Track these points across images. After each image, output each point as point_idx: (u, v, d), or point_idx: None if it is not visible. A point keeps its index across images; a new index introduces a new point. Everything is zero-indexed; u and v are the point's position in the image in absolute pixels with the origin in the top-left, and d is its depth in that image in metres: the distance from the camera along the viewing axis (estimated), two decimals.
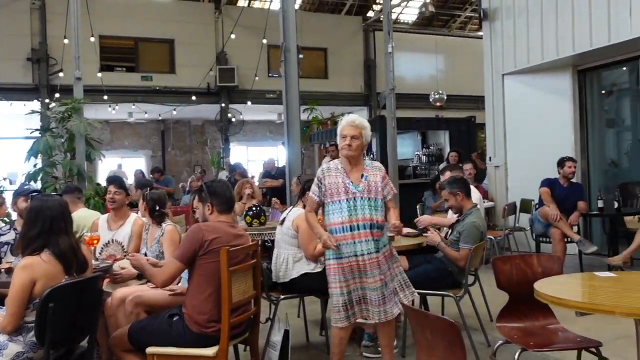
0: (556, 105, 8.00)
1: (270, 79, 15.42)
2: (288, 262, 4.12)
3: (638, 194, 7.32)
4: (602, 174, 8.25)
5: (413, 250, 4.40)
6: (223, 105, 15.31)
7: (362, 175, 3.47)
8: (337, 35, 16.71)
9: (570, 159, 6.53)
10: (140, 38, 15.01)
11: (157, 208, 3.96)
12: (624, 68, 7.96)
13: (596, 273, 2.87)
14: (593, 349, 2.79)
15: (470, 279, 4.28)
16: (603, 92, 8.45)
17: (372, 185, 3.45)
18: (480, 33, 9.34)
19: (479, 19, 9.01)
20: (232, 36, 14.60)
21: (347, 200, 3.40)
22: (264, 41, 13.80)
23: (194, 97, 14.72)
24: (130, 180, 11.53)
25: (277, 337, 3.65)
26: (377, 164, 3.63)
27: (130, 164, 16.09)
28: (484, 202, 7.20)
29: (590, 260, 6.60)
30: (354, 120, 3.49)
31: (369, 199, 3.41)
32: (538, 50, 7.83)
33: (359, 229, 3.37)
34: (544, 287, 2.56)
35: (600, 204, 6.55)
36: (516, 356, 2.80)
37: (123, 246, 4.21)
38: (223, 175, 12.96)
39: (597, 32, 6.95)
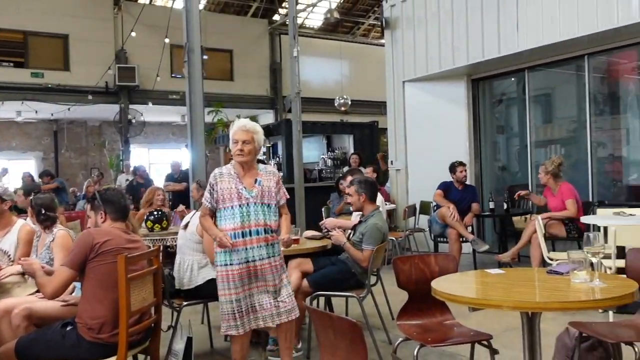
0: (452, 112, 8.45)
1: (174, 79, 14.98)
2: (193, 269, 4.01)
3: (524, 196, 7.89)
4: (493, 177, 8.81)
5: (317, 252, 4.44)
6: (122, 105, 14.66)
7: (256, 181, 3.43)
8: (243, 38, 16.58)
9: (461, 163, 6.89)
10: (30, 32, 13.99)
11: (43, 212, 3.71)
12: (512, 78, 8.56)
13: (487, 270, 3.04)
14: (485, 342, 2.95)
15: (373, 279, 4.39)
16: (494, 100, 9.04)
17: (265, 191, 3.41)
18: (382, 41, 9.64)
19: (382, 28, 9.31)
20: (133, 34, 14.04)
21: (240, 206, 3.35)
22: (167, 40, 13.39)
23: (90, 97, 13.97)
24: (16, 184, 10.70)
25: (179, 345, 3.54)
26: (271, 168, 3.62)
27: (19, 167, 14.93)
28: (386, 204, 7.43)
29: (483, 258, 7.01)
30: (244, 125, 3.44)
31: (263, 204, 3.38)
32: (436, 60, 8.22)
33: (251, 235, 3.33)
34: (440, 285, 2.67)
35: (491, 205, 6.99)
36: (415, 352, 2.91)
37: (9, 255, 3.90)
38: (122, 178, 12.39)
39: (488, 44, 7.43)
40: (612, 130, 8.03)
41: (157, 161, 17.75)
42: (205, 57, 7.54)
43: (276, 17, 17.60)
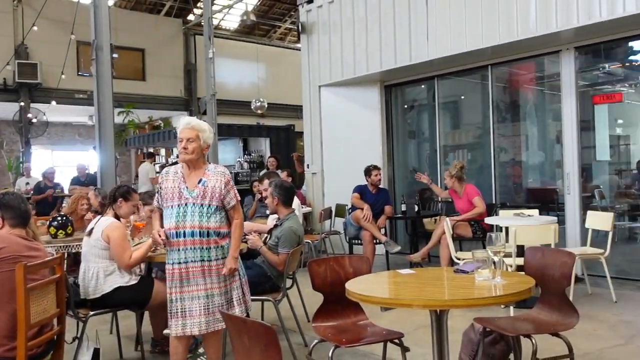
0: (366, 117, 8.65)
1: (80, 77, 14.22)
2: (99, 277, 3.83)
3: (434, 199, 8.23)
4: (405, 180, 9.11)
5: None
6: (22, 104, 13.73)
7: (200, 181, 3.33)
8: (155, 37, 16.07)
9: (376, 167, 7.09)
10: None
11: None
12: (423, 86, 8.91)
13: (399, 271, 3.14)
14: (397, 340, 3.04)
15: (289, 282, 4.40)
16: (406, 106, 9.36)
17: (208, 191, 3.30)
18: (299, 45, 9.71)
19: (298, 32, 9.37)
20: (35, 28, 13.18)
21: (178, 206, 3.28)
22: (73, 37, 12.69)
23: None
24: None
25: (85, 358, 3.37)
26: (222, 168, 3.48)
27: None
28: (302, 207, 7.47)
29: (395, 259, 7.23)
30: (189, 122, 3.35)
31: (202, 205, 3.27)
32: (351, 65, 8.39)
33: (185, 236, 3.26)
34: (354, 286, 2.72)
35: (403, 207, 7.23)
36: (330, 353, 2.94)
37: None
38: (22, 182, 11.60)
39: (400, 52, 7.68)
40: (513, 137, 8.57)
41: (61, 163, 16.78)
42: (115, 55, 7.25)
43: (191, 17, 17.23)
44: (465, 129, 9.25)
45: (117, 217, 4.05)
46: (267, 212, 4.81)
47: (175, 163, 3.59)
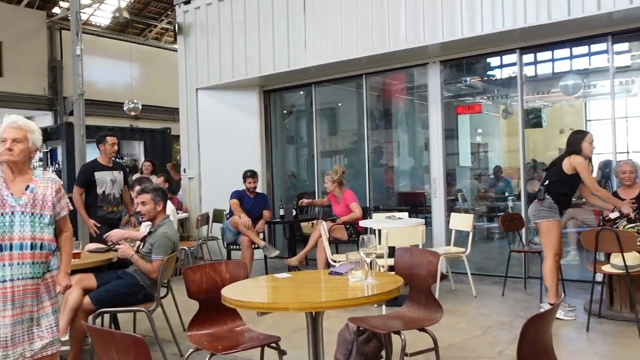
0: (245, 122, 8.61)
1: None
2: None
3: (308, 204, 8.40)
4: (283, 184, 9.20)
5: (102, 267, 4.14)
6: None
7: (28, 187, 2.96)
8: (14, 29, 14.71)
9: (252, 175, 7.00)
10: None
11: None
12: (301, 92, 9.06)
13: (276, 275, 3.15)
14: (274, 344, 3.04)
15: (163, 291, 4.24)
16: (285, 111, 9.46)
17: (39, 199, 2.95)
18: (176, 46, 9.42)
19: (175, 33, 9.09)
20: None
21: (2, 215, 2.86)
22: None
23: None
24: None
25: None
26: (51, 175, 3.14)
27: None
28: (178, 213, 7.25)
29: (274, 263, 7.26)
30: (16, 122, 2.97)
31: (33, 214, 2.91)
32: (229, 69, 8.31)
33: (12, 249, 2.84)
34: (230, 292, 2.69)
35: (281, 212, 7.28)
36: None
37: None
38: None
39: (279, 58, 7.75)
40: (386, 143, 9.01)
41: None
42: None
43: (56, 10, 16.04)
44: (342, 135, 9.55)
45: None
46: (140, 218, 4.58)
47: None
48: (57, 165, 10.74)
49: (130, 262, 4.08)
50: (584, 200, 7.61)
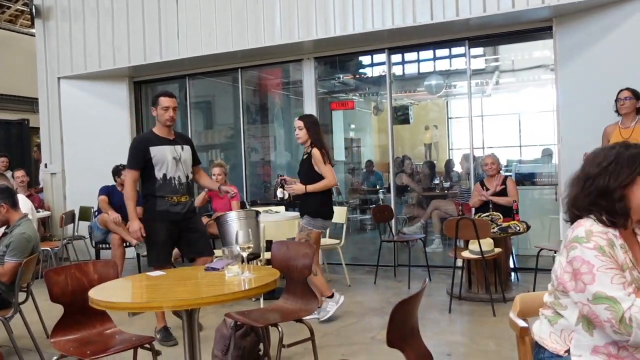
0: (114, 114, 8.15)
1: None
2: None
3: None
4: None
5: None
6: None
7: None
8: None
9: (125, 167, 6.68)
10: None
11: None
12: (175, 84, 8.77)
13: (148, 273, 3.03)
14: (147, 345, 2.93)
15: (22, 296, 3.90)
16: None
17: None
18: (33, 30, 8.66)
19: (31, 15, 8.35)
20: None
21: None
22: None
23: None
24: None
25: None
26: None
27: None
28: (38, 211, 6.71)
29: (146, 262, 6.96)
30: None
31: None
32: (95, 58, 7.81)
33: None
34: (98, 293, 2.54)
35: None
36: None
37: None
38: None
39: (150, 48, 7.43)
40: (262, 138, 9.02)
41: None
42: None
43: None
44: (218, 129, 9.41)
45: None
46: None
47: None
48: None
49: None
50: (446, 192, 8.27)
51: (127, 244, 6.41)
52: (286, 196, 4.66)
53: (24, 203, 4.82)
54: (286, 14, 6.63)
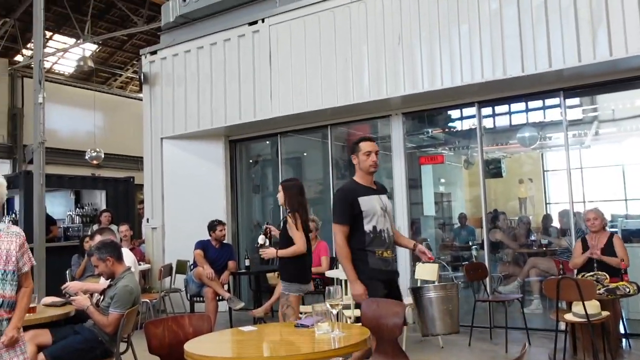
0: (211, 171, 8.58)
1: None
2: None
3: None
4: (249, 235, 9.10)
5: (59, 321, 3.97)
6: None
7: None
8: None
9: (220, 222, 7.02)
10: None
11: None
12: (267, 142, 9.12)
13: (241, 328, 3.08)
14: None
15: (123, 346, 4.08)
16: (251, 161, 9.47)
17: (2, 254, 2.87)
18: (141, 95, 9.42)
19: (140, 82, 9.11)
20: None
21: None
22: None
23: None
24: None
25: None
26: (16, 229, 3.06)
27: None
28: (140, 264, 7.07)
29: (239, 316, 7.09)
30: None
31: None
32: (195, 119, 8.33)
33: None
34: (193, 346, 2.61)
35: (247, 262, 7.18)
36: None
37: None
38: None
39: (245, 108, 7.83)
40: None
41: None
42: None
43: (19, 58, 15.91)
44: (308, 184, 9.58)
45: None
46: (96, 272, 4.44)
47: None
48: (13, 215, 10.40)
49: (88, 316, 3.94)
50: (544, 248, 7.81)
51: (220, 297, 6.58)
52: (267, 243, 4.82)
53: (128, 256, 5.10)
54: (374, 71, 6.77)
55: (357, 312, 4.08)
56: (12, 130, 15.33)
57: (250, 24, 7.85)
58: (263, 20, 7.73)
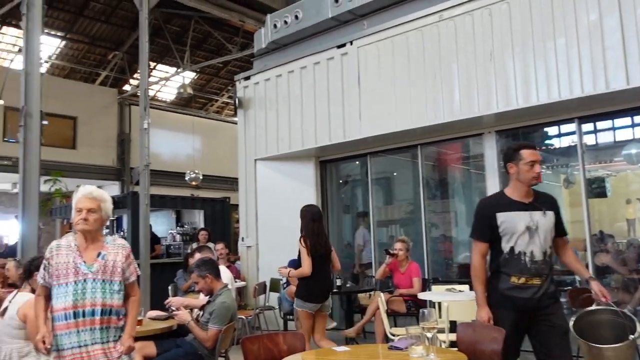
0: (302, 191, 8.75)
1: (6, 144, 13.72)
2: (12, 358, 3.55)
3: (368, 273, 8.29)
4: (340, 254, 9.14)
5: (162, 334, 4.20)
6: None
7: (99, 254, 3.10)
8: (89, 105, 15.87)
9: None
10: None
11: None
12: (357, 162, 9.18)
13: (334, 348, 3.11)
14: None
15: None
16: (341, 181, 9.57)
17: (109, 265, 3.08)
18: (235, 118, 9.85)
19: (235, 106, 9.53)
20: None
21: (75, 282, 2.98)
22: (1, 102, 12.35)
23: None
24: None
25: None
26: (121, 241, 3.27)
27: None
28: (236, 281, 7.32)
29: (331, 335, 7.08)
30: (91, 192, 3.15)
31: (104, 280, 3.03)
32: (286, 141, 8.57)
33: (84, 316, 2.96)
34: None
35: (338, 282, 7.21)
36: None
37: None
38: None
39: (334, 129, 7.95)
40: (443, 213, 8.88)
41: None
42: (45, 122, 7.08)
43: (127, 87, 17.20)
44: (398, 204, 9.52)
45: (34, 292, 3.81)
46: (202, 295, 4.66)
47: None
48: (122, 233, 11.16)
49: (189, 330, 4.13)
50: None
51: None
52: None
53: (225, 273, 5.31)
54: (465, 88, 6.65)
55: (453, 337, 3.97)
56: (121, 154, 16.56)
57: (339, 46, 8.00)
58: (351, 43, 7.85)
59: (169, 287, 7.43)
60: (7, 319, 3.64)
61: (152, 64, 16.41)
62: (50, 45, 14.91)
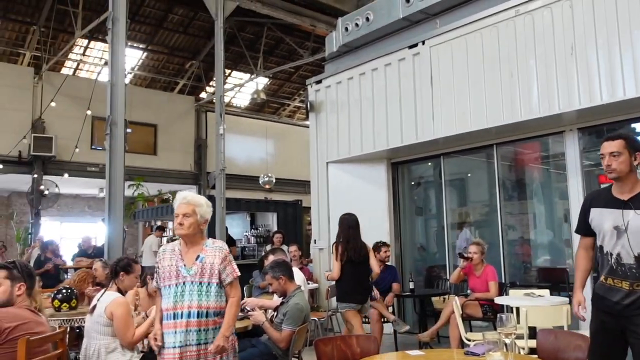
0: (374, 193, 8.71)
1: (93, 151, 14.60)
2: (100, 354, 3.75)
3: (442, 276, 8.11)
4: (413, 257, 9.03)
5: (238, 334, 4.30)
6: (36, 176, 13.99)
7: (198, 257, 3.21)
8: (168, 113, 16.60)
9: (384, 244, 7.07)
10: None
11: None
12: (430, 163, 9.02)
13: (408, 352, 3.06)
14: None
15: None
16: (413, 183, 9.44)
17: (206, 268, 3.17)
18: (307, 122, 9.96)
19: (306, 110, 9.63)
20: (53, 104, 13.69)
21: (176, 285, 3.14)
22: (89, 112, 13.16)
23: (0, 166, 13.25)
24: None
25: None
26: (220, 243, 3.36)
27: None
28: (309, 283, 7.38)
29: (404, 339, 7.03)
30: (185, 197, 3.29)
31: (201, 283, 3.13)
32: (358, 143, 8.55)
33: (182, 317, 3.09)
34: None
35: (411, 285, 7.12)
36: None
37: None
38: (35, 253, 11.58)
39: (406, 131, 7.84)
40: (520, 215, 8.55)
41: (68, 235, 16.83)
42: (129, 130, 7.47)
43: (203, 95, 17.83)
44: (472, 206, 9.26)
45: (120, 290, 4.02)
46: (276, 297, 4.74)
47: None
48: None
49: (263, 330, 4.21)
50: None
51: (385, 319, 6.59)
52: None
53: (298, 275, 5.37)
54: (544, 85, 6.36)
55: (532, 343, 3.81)
56: (198, 159, 17.18)
57: (411, 47, 7.89)
58: (423, 42, 7.73)
59: (244, 288, 7.62)
60: (96, 316, 3.85)
61: (227, 71, 16.91)
62: (132, 57, 15.72)
